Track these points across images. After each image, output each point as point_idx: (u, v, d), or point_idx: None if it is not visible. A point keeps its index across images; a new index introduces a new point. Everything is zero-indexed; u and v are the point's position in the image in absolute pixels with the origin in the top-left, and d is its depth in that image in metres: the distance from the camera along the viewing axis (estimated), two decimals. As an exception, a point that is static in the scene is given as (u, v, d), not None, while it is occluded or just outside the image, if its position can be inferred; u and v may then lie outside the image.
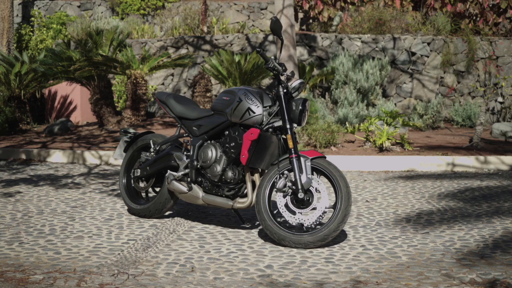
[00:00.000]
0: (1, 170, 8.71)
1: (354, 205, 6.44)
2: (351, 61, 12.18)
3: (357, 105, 11.58)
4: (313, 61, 13.10)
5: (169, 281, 3.99)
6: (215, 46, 13.82)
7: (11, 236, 5.11)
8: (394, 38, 13.00)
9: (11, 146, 10.42)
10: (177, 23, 15.78)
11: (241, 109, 5.09)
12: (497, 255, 4.63)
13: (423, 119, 11.59)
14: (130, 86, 11.49)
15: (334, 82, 12.24)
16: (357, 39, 13.18)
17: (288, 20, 9.60)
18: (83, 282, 3.93)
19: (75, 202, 6.50)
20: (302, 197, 4.83)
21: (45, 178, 8.02)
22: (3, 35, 16.99)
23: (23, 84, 12.56)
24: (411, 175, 8.36)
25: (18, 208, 6.18)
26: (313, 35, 13.45)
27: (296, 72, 9.63)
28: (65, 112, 13.63)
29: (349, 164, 8.84)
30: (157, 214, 5.71)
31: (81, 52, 11.29)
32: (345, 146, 9.80)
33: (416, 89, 12.93)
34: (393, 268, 4.32)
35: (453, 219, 5.82)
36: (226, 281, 4.00)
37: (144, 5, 19.07)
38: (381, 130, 9.37)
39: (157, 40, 14.47)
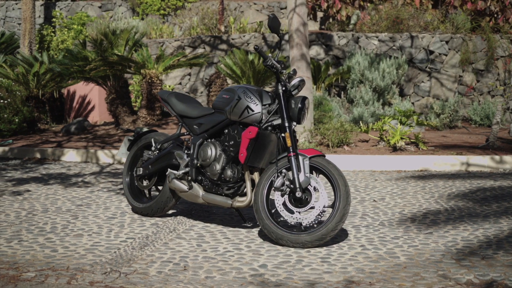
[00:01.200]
0: (14, 169, 8.78)
1: (360, 205, 6.38)
2: (368, 60, 12.07)
3: (372, 104, 11.48)
4: (330, 60, 13.02)
5: (160, 280, 3.97)
6: (232, 46, 13.80)
7: (12, 233, 5.13)
8: (411, 37, 12.87)
9: (26, 145, 10.49)
10: (195, 23, 15.79)
11: (240, 107, 5.06)
12: (499, 256, 4.54)
13: (440, 118, 11.45)
14: (145, 85, 11.52)
15: (350, 81, 12.16)
16: (374, 37, 13.06)
17: (301, 18, 9.53)
18: (73, 280, 3.93)
19: (81, 201, 6.52)
20: (300, 196, 4.78)
21: (56, 177, 8.06)
22: (25, 35, 17.15)
23: (41, 84, 12.65)
24: (423, 175, 8.25)
25: (24, 206, 6.21)
26: (329, 34, 13.37)
27: (309, 71, 9.57)
28: (84, 112, 13.71)
29: (362, 163, 8.76)
30: (159, 212, 5.70)
31: (97, 52, 11.34)
32: (359, 146, 9.72)
33: (434, 88, 12.78)
34: (389, 268, 4.26)
35: (460, 219, 5.72)
36: (217, 280, 3.97)
37: (164, 5, 19.11)
38: (395, 129, 9.27)
39: (174, 40, 14.49)
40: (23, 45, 17.15)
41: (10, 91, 11.83)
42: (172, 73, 14.31)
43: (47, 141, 10.97)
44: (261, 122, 5.03)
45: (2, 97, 11.58)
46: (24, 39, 17.17)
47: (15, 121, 11.57)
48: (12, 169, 8.76)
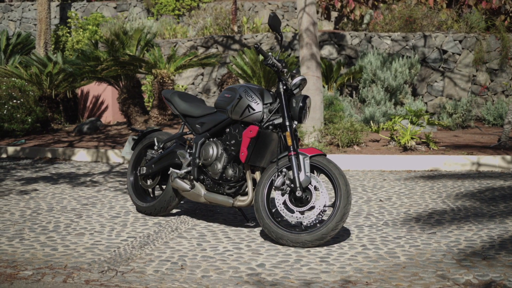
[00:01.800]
0: (24, 168, 8.83)
1: (366, 204, 6.34)
2: (380, 60, 12.01)
3: (384, 104, 11.42)
4: (342, 60, 12.97)
5: (156, 278, 3.96)
6: (244, 46, 13.79)
7: (14, 232, 5.15)
8: (424, 36, 12.79)
9: (38, 145, 10.55)
10: (209, 23, 15.81)
11: (241, 106, 5.05)
12: (501, 256, 4.48)
13: (452, 118, 11.36)
14: (157, 85, 11.54)
15: (361, 81, 12.10)
16: (387, 37, 13.00)
17: (310, 18, 9.50)
18: (70, 279, 3.94)
19: (87, 200, 6.54)
20: (300, 195, 4.75)
21: (65, 176, 8.10)
22: (40, 36, 17.27)
23: (54, 84, 12.73)
24: (433, 175, 8.19)
25: (30, 205, 6.24)
26: (342, 33, 13.32)
27: (318, 71, 9.53)
28: (97, 112, 13.77)
29: (371, 163, 8.71)
30: (162, 212, 5.70)
31: (109, 52, 11.38)
32: (369, 145, 9.67)
33: (447, 87, 12.69)
34: (388, 268, 4.22)
35: (465, 219, 5.67)
36: (213, 279, 3.96)
37: (179, 6, 19.16)
38: (405, 129, 9.21)
39: (187, 40, 14.51)
40: (39, 46, 17.27)
41: (23, 91, 11.91)
42: (185, 73, 14.33)
43: (59, 140, 11.03)
44: (262, 121, 5.02)
45: (15, 97, 11.65)
46: (40, 39, 17.30)
47: (28, 121, 11.65)
48: (22, 169, 8.81)
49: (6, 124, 11.48)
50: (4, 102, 11.52)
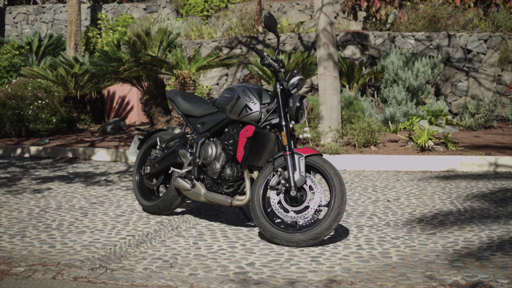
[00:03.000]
0: (44, 168, 8.99)
1: (372, 205, 6.32)
2: (403, 60, 11.93)
3: (405, 104, 11.34)
4: (365, 60, 12.92)
5: (143, 276, 4.02)
6: (268, 46, 13.82)
7: (18, 230, 5.26)
8: (449, 36, 12.66)
9: (60, 145, 10.73)
10: (234, 24, 15.87)
11: (239, 106, 5.08)
12: (495, 258, 4.44)
13: (475, 118, 11.23)
14: (178, 86, 11.64)
15: (383, 81, 12.04)
16: (410, 37, 12.90)
17: (328, 18, 9.49)
18: (59, 275, 4.01)
19: (97, 199, 6.64)
20: (295, 195, 4.77)
21: (81, 176, 8.23)
22: (70, 37, 17.54)
23: (79, 85, 12.91)
24: (449, 176, 8.12)
25: (39, 204, 6.36)
26: (365, 33, 13.27)
27: (336, 71, 9.51)
28: (123, 112, 13.93)
29: (387, 163, 8.67)
30: (166, 211, 5.76)
31: (130, 53, 11.51)
32: (387, 146, 9.61)
33: (472, 87, 12.55)
34: (377, 268, 4.21)
35: (469, 220, 5.62)
36: (199, 277, 4.00)
37: (207, 7, 19.27)
38: (422, 129, 9.14)
39: (212, 40, 14.59)
40: (69, 47, 17.54)
41: (48, 92, 12.11)
42: (209, 74, 14.42)
43: (81, 140, 11.19)
44: (260, 121, 5.04)
45: (41, 98, 11.86)
46: (70, 41, 17.56)
47: (53, 121, 11.84)
48: (42, 168, 8.97)
49: (31, 124, 11.69)
50: (29, 102, 11.73)
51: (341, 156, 8.84)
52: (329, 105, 9.48)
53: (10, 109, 11.67)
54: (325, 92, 9.51)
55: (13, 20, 20.99)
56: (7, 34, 20.95)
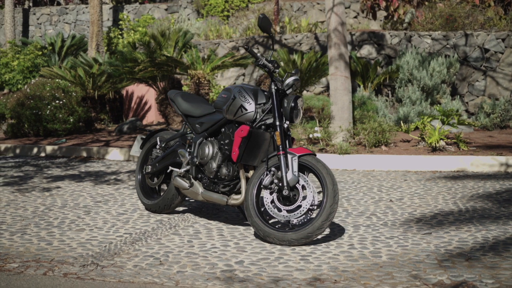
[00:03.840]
0: (57, 167, 9.13)
1: (374, 205, 6.33)
2: (418, 59, 11.88)
3: (420, 104, 11.29)
4: (381, 59, 12.89)
5: (132, 273, 4.09)
6: (285, 46, 13.86)
7: (20, 227, 5.37)
8: (466, 35, 12.58)
9: (76, 144, 10.88)
10: (253, 24, 15.93)
11: (235, 106, 5.14)
12: (486, 258, 4.44)
13: (490, 118, 11.15)
14: (193, 86, 11.73)
15: (398, 81, 12.01)
16: (427, 36, 12.85)
17: (339, 18, 9.50)
18: (50, 271, 4.11)
19: (103, 197, 6.74)
20: (287, 194, 4.81)
21: (92, 175, 8.34)
22: (92, 38, 17.75)
23: (97, 85, 13.07)
24: (458, 176, 8.08)
25: (45, 202, 6.47)
26: (381, 33, 13.24)
27: (347, 71, 9.52)
28: (141, 112, 14.07)
29: (397, 163, 8.66)
30: (166, 209, 5.84)
31: (146, 53, 11.63)
32: (399, 146, 9.60)
33: (489, 87, 12.45)
34: (364, 267, 4.24)
35: (468, 220, 5.61)
36: (186, 275, 4.06)
37: (228, 7, 19.35)
38: (433, 129, 9.11)
39: (229, 40, 14.67)
40: (91, 48, 17.76)
41: (66, 92, 12.28)
42: (227, 74, 14.50)
43: (97, 140, 11.34)
44: (255, 121, 5.10)
45: (58, 98, 12.03)
46: (92, 41, 17.78)
47: (70, 121, 12.01)
48: (56, 167, 9.12)
49: (49, 124, 11.87)
50: (47, 102, 11.91)
51: (350, 156, 8.85)
52: (340, 105, 9.50)
53: (28, 109, 11.86)
54: (336, 92, 9.52)
55: (37, 21, 21.29)
56: (31, 35, 21.24)
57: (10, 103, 12.23)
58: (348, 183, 7.60)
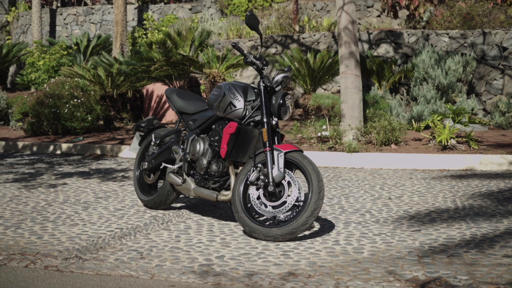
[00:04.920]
0: (69, 164, 9.28)
1: (371, 202, 6.33)
2: (435, 57, 11.81)
3: (434, 103, 11.22)
4: (398, 58, 12.83)
5: (111, 266, 4.17)
6: (302, 45, 13.87)
7: (16, 222, 5.49)
8: (483, 33, 12.45)
9: (92, 142, 11.04)
10: (273, 23, 15.97)
11: (225, 103, 5.20)
12: (468, 255, 4.43)
13: (505, 117, 11.03)
14: (209, 84, 11.82)
15: (413, 79, 11.94)
16: (444, 34, 12.75)
17: (349, 16, 9.49)
18: (32, 264, 4.21)
19: (105, 194, 6.84)
20: (272, 190, 4.85)
21: (101, 172, 8.47)
22: (116, 38, 17.93)
23: (116, 84, 13.23)
24: (465, 174, 8.04)
25: (48, 198, 6.60)
26: (399, 31, 13.18)
27: (358, 69, 9.50)
28: (161, 111, 14.19)
29: (405, 162, 8.64)
30: (162, 205, 5.91)
31: (162, 52, 11.74)
32: (409, 144, 9.56)
33: (507, 85, 12.31)
34: (343, 263, 4.26)
35: (461, 218, 5.59)
36: (164, 268, 4.13)
37: (251, 6, 19.40)
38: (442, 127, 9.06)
39: (248, 40, 14.73)
40: (115, 47, 17.93)
41: (84, 91, 12.46)
42: (245, 73, 14.55)
43: (113, 138, 11.49)
44: (244, 117, 5.15)
45: (77, 97, 12.21)
46: (116, 41, 17.95)
47: (88, 119, 12.18)
48: (68, 164, 9.27)
49: (67, 122, 12.05)
50: (66, 101, 12.09)
51: (359, 154, 8.85)
52: (350, 103, 9.49)
53: (47, 107, 12.06)
54: (346, 90, 9.52)
55: (64, 21, 21.58)
56: (58, 35, 21.53)
57: (30, 102, 12.45)
58: (352, 181, 7.61)
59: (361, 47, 13.30)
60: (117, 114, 13.65)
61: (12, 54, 19.82)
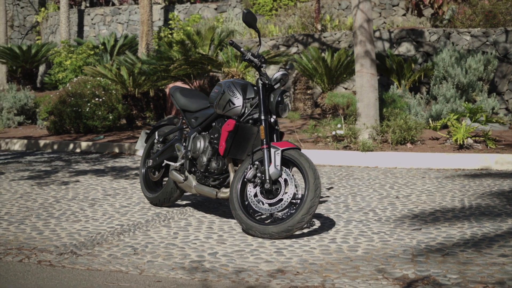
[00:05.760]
0: (87, 162, 9.39)
1: (378, 201, 6.29)
2: (456, 56, 11.68)
3: (454, 102, 11.10)
4: (419, 57, 12.73)
5: (103, 261, 4.21)
6: (323, 44, 13.83)
7: (21, 218, 5.57)
8: (506, 31, 12.29)
9: (111, 140, 11.14)
10: (295, 22, 15.94)
11: (224, 101, 5.23)
12: (464, 254, 4.39)
13: (527, 116, 10.88)
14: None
15: (433, 78, 11.83)
16: (466, 33, 12.61)
17: (365, 15, 9.44)
18: (26, 259, 4.27)
19: (114, 191, 6.91)
20: (268, 187, 4.86)
21: (116, 169, 8.55)
22: (142, 38, 18.06)
23: (138, 83, 13.33)
24: (479, 174, 7.94)
25: (57, 195, 6.68)
26: (420, 30, 13.06)
27: (373, 68, 9.44)
28: (183, 110, 14.24)
29: (420, 161, 8.57)
30: (166, 202, 5.96)
31: (181, 51, 11.80)
32: (426, 143, 9.48)
33: (531, 84, 12.14)
34: (334, 261, 4.25)
35: (465, 217, 5.53)
36: (154, 264, 4.16)
37: (276, 6, 19.40)
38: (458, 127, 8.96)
39: (269, 39, 14.73)
40: (141, 47, 18.06)
41: (106, 90, 12.58)
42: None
43: (133, 136, 11.57)
44: (243, 115, 5.16)
45: (98, 96, 12.33)
46: (142, 41, 18.08)
47: (109, 118, 12.29)
48: (85, 162, 9.37)
49: (89, 121, 12.18)
50: (87, 100, 12.22)
51: (373, 153, 8.80)
52: (366, 102, 9.44)
53: (69, 106, 12.20)
54: (362, 89, 9.47)
55: (91, 21, 21.82)
56: (85, 35, 21.79)
57: (53, 101, 12.61)
58: (363, 180, 7.57)
59: (382, 46, 13.23)
60: (140, 113, 13.74)
61: (41, 54, 20.09)
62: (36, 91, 19.11)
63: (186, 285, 3.77)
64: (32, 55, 19.82)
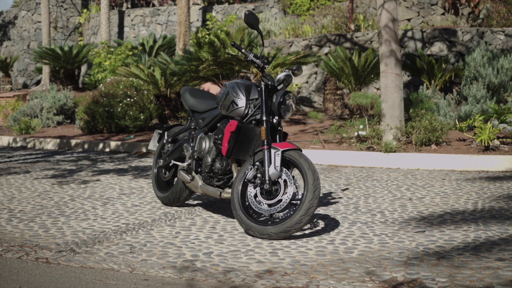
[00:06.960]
0: (112, 161, 9.54)
1: (388, 203, 6.25)
2: (488, 56, 11.50)
3: (484, 102, 10.93)
4: (452, 56, 12.57)
5: (98, 260, 4.30)
6: (355, 44, 13.76)
7: (32, 215, 5.71)
8: (541, 30, 12.06)
9: (140, 140, 11.29)
10: (329, 22, 15.90)
11: (228, 102, 5.27)
12: (460, 257, 4.34)
13: (558, 118, 10.63)
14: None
15: (464, 78, 11.67)
16: (500, 32, 12.40)
17: (390, 14, 9.36)
18: (25, 255, 4.39)
19: (130, 190, 7.01)
20: (268, 188, 4.88)
21: (138, 169, 8.67)
22: (179, 38, 18.26)
23: (170, 84, 13.47)
24: (502, 176, 7.81)
25: (74, 194, 6.81)
26: (453, 29, 12.89)
27: (398, 68, 9.36)
28: (215, 110, 14.35)
29: (443, 162, 8.46)
30: (176, 202, 6.03)
31: (210, 52, 11.89)
32: (452, 144, 9.36)
33: None
34: (327, 262, 4.25)
35: (473, 220, 5.46)
36: (147, 263, 4.23)
37: (313, 5, 19.36)
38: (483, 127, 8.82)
39: (302, 39, 14.72)
40: (178, 48, 18.26)
41: (138, 90, 12.75)
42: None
43: (162, 136, 11.68)
44: (246, 116, 5.20)
45: (130, 96, 12.51)
46: (179, 41, 18.28)
47: (140, 118, 12.45)
48: (111, 161, 9.53)
49: (120, 121, 12.36)
50: (119, 100, 12.41)
51: (395, 154, 8.73)
52: (390, 103, 9.36)
53: (101, 106, 12.40)
54: (386, 90, 9.40)
55: (131, 22, 22.10)
56: (125, 36, 22.09)
57: (86, 101, 12.83)
58: (381, 181, 7.52)
59: (414, 46, 13.10)
60: (172, 113, 13.88)
61: (82, 55, 20.48)
62: (77, 91, 19.47)
63: (172, 283, 3.82)
64: (73, 56, 20.21)
